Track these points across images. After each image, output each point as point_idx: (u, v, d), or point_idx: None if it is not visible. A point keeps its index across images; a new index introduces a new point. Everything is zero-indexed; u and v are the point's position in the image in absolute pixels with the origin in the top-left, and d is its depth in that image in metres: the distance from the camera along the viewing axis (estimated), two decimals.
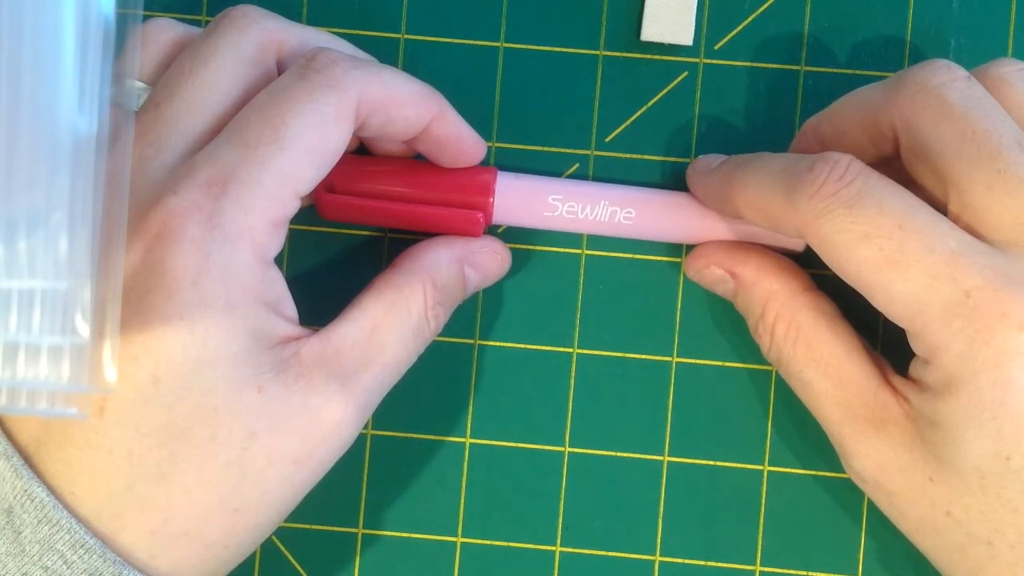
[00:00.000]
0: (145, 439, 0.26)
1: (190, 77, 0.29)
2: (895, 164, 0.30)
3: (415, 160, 0.32)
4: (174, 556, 0.27)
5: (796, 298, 0.31)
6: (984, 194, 0.27)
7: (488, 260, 0.33)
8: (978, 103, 0.28)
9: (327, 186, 0.31)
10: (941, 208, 0.28)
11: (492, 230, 0.34)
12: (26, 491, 0.26)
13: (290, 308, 0.29)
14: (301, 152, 0.27)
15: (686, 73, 0.35)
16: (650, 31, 0.34)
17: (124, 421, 0.26)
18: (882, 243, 0.27)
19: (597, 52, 0.35)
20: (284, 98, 0.28)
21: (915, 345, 0.28)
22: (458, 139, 0.31)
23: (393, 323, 0.30)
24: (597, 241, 0.34)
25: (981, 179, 0.27)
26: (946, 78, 0.28)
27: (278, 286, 0.28)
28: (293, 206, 0.28)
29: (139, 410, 0.26)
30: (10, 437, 0.27)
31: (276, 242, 0.28)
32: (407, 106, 0.29)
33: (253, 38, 0.29)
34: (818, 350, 0.30)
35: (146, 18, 0.31)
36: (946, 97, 0.28)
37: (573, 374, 0.34)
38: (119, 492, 0.26)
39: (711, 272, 0.33)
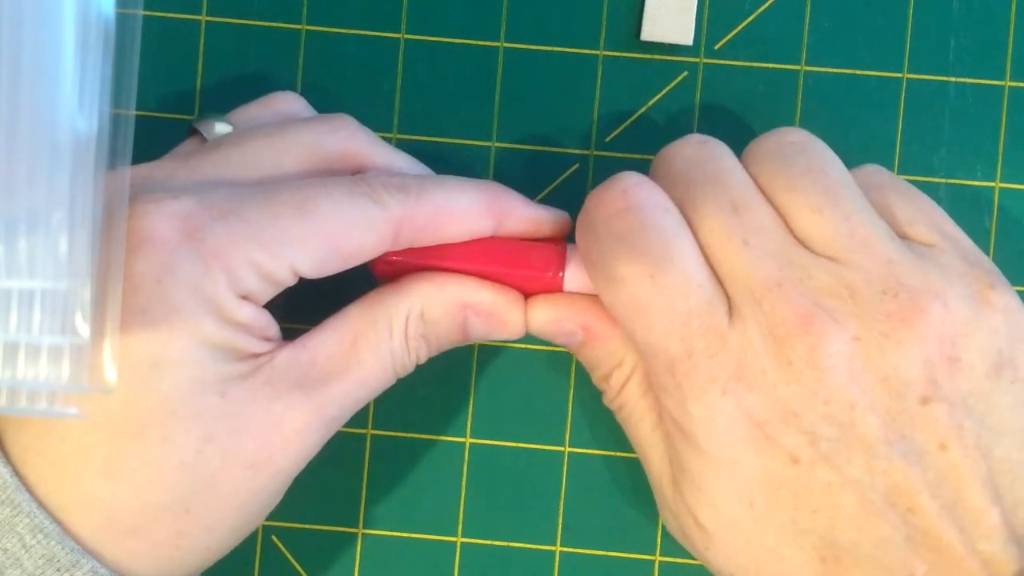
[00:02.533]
0: (97, 432, 0.26)
1: (264, 137, 0.29)
2: None
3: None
4: (120, 552, 0.27)
5: None
6: (717, 249, 0.28)
7: (502, 318, 0.30)
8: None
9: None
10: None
11: None
12: None
13: (269, 331, 0.28)
14: (318, 232, 0.27)
15: (686, 73, 0.35)
16: (650, 31, 0.34)
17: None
18: (633, 291, 0.28)
19: (597, 52, 0.35)
20: (324, 189, 0.28)
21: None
22: (534, 229, 0.31)
23: (373, 340, 0.29)
24: None
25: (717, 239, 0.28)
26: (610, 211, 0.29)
27: (255, 315, 0.27)
28: (284, 276, 0.27)
29: (94, 401, 0.26)
30: None
31: (255, 286, 0.27)
32: (463, 221, 0.29)
33: (341, 139, 0.30)
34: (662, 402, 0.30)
35: (146, 18, 0.31)
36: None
37: (573, 374, 0.34)
38: (67, 484, 0.26)
39: (560, 326, 0.31)
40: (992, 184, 0.34)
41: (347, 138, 0.30)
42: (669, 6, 0.34)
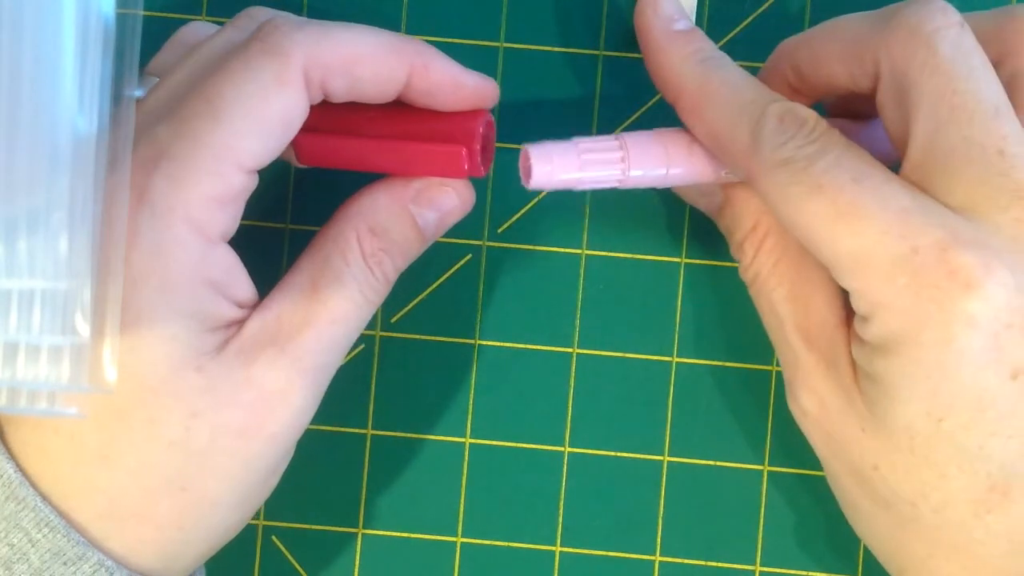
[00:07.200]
0: (86, 421, 0.26)
1: (183, 70, 0.28)
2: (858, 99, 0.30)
3: (402, 104, 0.30)
4: (126, 538, 0.27)
5: None
6: (946, 157, 0.27)
7: (441, 194, 0.30)
8: (965, 58, 0.27)
9: (305, 128, 0.29)
10: (901, 154, 0.28)
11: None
12: None
13: (243, 290, 0.28)
14: (239, 123, 0.26)
15: None
16: None
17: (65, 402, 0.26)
18: (835, 196, 0.26)
19: (597, 52, 0.35)
20: (220, 69, 0.27)
21: (857, 302, 0.27)
22: (453, 87, 0.29)
23: (331, 277, 0.28)
24: (597, 241, 0.34)
25: (945, 143, 0.27)
26: (940, 23, 0.27)
27: (227, 266, 0.27)
28: (239, 181, 0.27)
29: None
30: None
31: (222, 219, 0.27)
32: (372, 63, 0.28)
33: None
34: (796, 272, 0.30)
35: (146, 18, 0.31)
36: (936, 47, 0.27)
37: (573, 374, 0.34)
38: (66, 474, 0.26)
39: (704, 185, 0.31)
40: None
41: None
42: None
